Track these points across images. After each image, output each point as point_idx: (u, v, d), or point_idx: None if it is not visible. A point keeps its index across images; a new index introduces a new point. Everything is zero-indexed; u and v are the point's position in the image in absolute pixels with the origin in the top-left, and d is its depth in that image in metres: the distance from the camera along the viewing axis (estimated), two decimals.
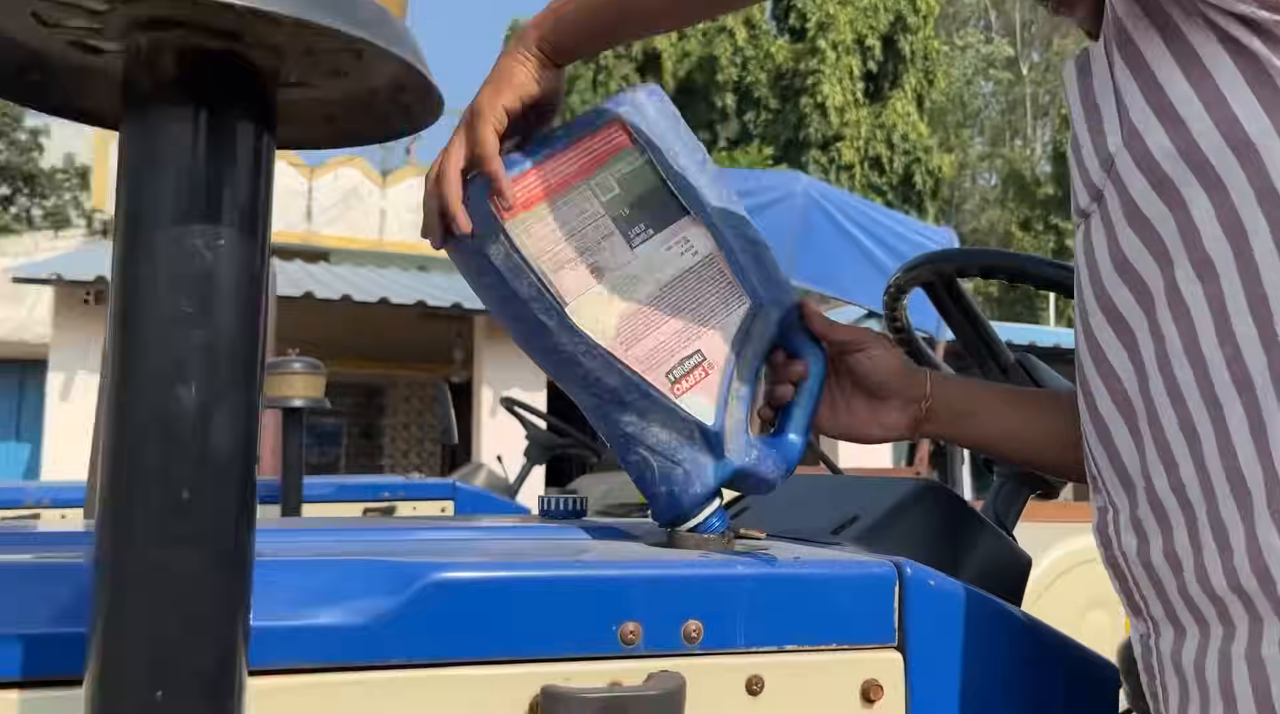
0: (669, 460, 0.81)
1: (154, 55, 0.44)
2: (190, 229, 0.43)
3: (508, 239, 0.79)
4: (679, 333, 0.81)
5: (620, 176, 0.82)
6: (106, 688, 0.42)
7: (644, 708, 0.66)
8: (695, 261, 0.82)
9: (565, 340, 0.80)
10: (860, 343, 0.87)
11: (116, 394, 0.43)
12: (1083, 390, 0.72)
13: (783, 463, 0.84)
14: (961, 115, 24.40)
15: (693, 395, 0.81)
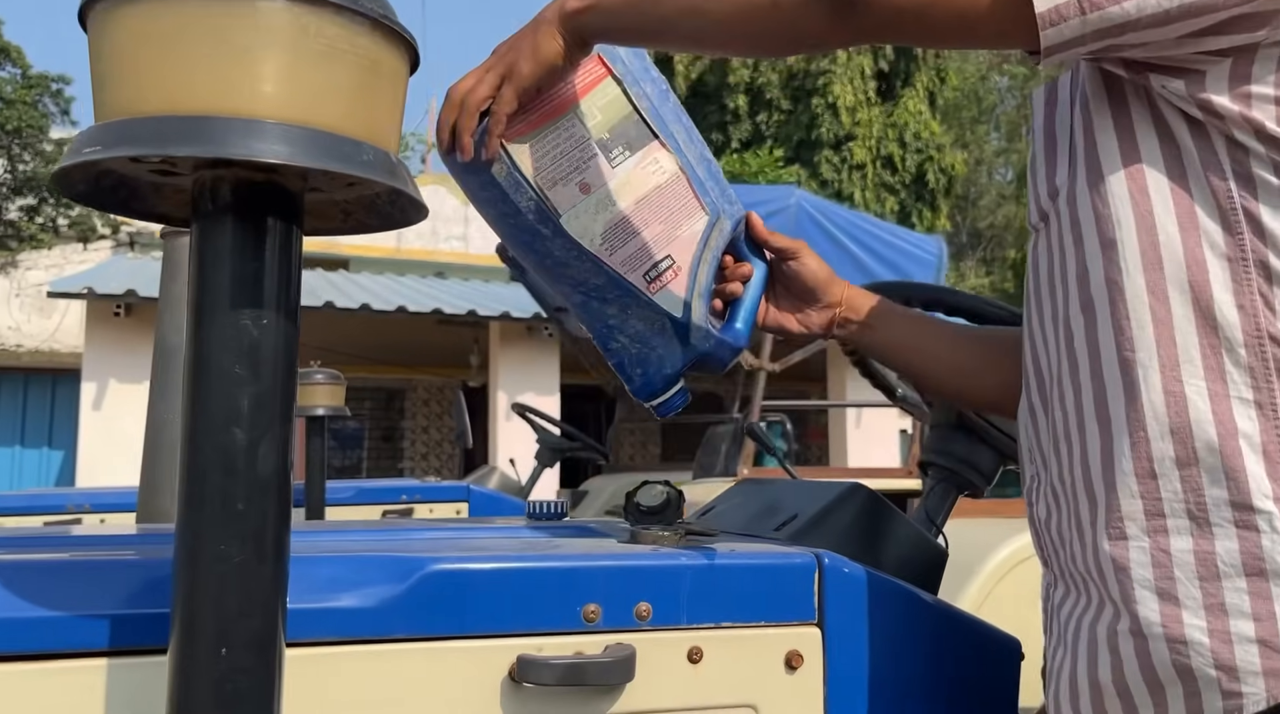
0: (645, 347, 0.97)
1: (215, 184, 0.60)
2: (242, 312, 0.59)
3: (510, 160, 0.92)
4: (653, 240, 0.96)
5: (601, 105, 0.95)
6: (186, 646, 0.58)
7: (600, 672, 0.82)
8: (664, 179, 0.97)
9: (558, 246, 0.93)
10: (794, 252, 1.03)
11: (189, 433, 0.59)
12: (1024, 373, 0.87)
13: (733, 346, 0.99)
14: (976, 111, 24.41)
15: (665, 292, 0.96)
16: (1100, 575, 0.74)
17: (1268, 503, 0.67)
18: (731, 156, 15.32)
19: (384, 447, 11.05)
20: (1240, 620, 0.67)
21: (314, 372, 2.66)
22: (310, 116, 0.57)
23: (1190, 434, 0.69)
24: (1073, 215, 0.78)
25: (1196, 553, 0.69)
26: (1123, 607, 0.71)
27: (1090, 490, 0.75)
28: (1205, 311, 0.70)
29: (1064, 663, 0.78)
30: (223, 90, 0.56)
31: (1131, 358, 0.72)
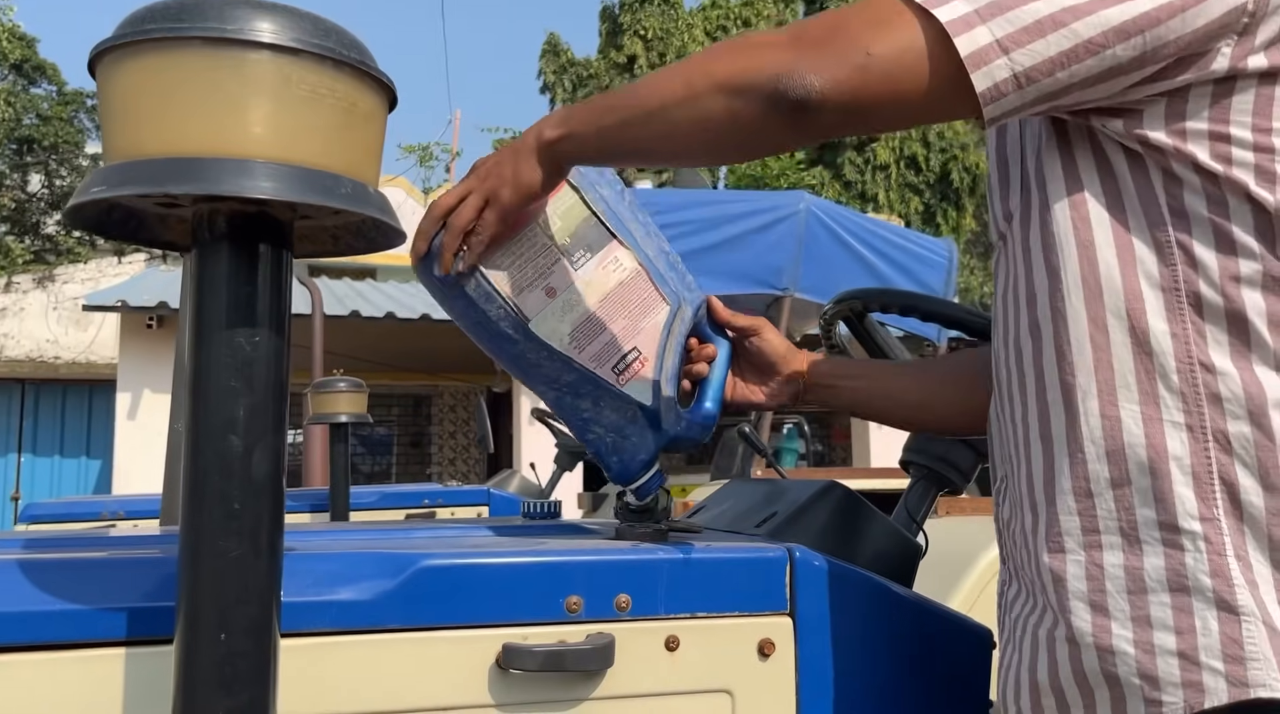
0: (619, 436, 1.02)
1: (212, 216, 0.66)
2: (237, 331, 0.66)
3: (480, 273, 0.97)
4: (619, 334, 1.01)
5: (560, 212, 1.01)
6: (189, 632, 0.65)
7: (580, 659, 0.88)
8: (626, 276, 1.02)
9: (529, 349, 0.99)
10: (755, 329, 1.09)
11: (191, 440, 0.66)
12: (993, 379, 0.91)
13: (703, 426, 1.05)
14: None
15: (634, 382, 1.01)
16: (1042, 583, 0.79)
17: (1193, 523, 0.71)
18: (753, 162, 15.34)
19: (412, 452, 11.18)
20: (1163, 633, 0.71)
21: (337, 380, 2.73)
22: (294, 155, 0.63)
23: (1125, 456, 0.73)
24: (1024, 240, 0.82)
25: (1126, 568, 0.73)
26: (1059, 614, 0.76)
27: (1034, 504, 0.80)
28: (1141, 339, 0.74)
29: (1011, 659, 0.83)
30: (216, 133, 0.62)
31: (1072, 382, 0.76)
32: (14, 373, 9.73)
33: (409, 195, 10.69)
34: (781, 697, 0.94)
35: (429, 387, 10.82)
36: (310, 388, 2.78)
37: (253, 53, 0.62)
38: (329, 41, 0.65)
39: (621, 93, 0.86)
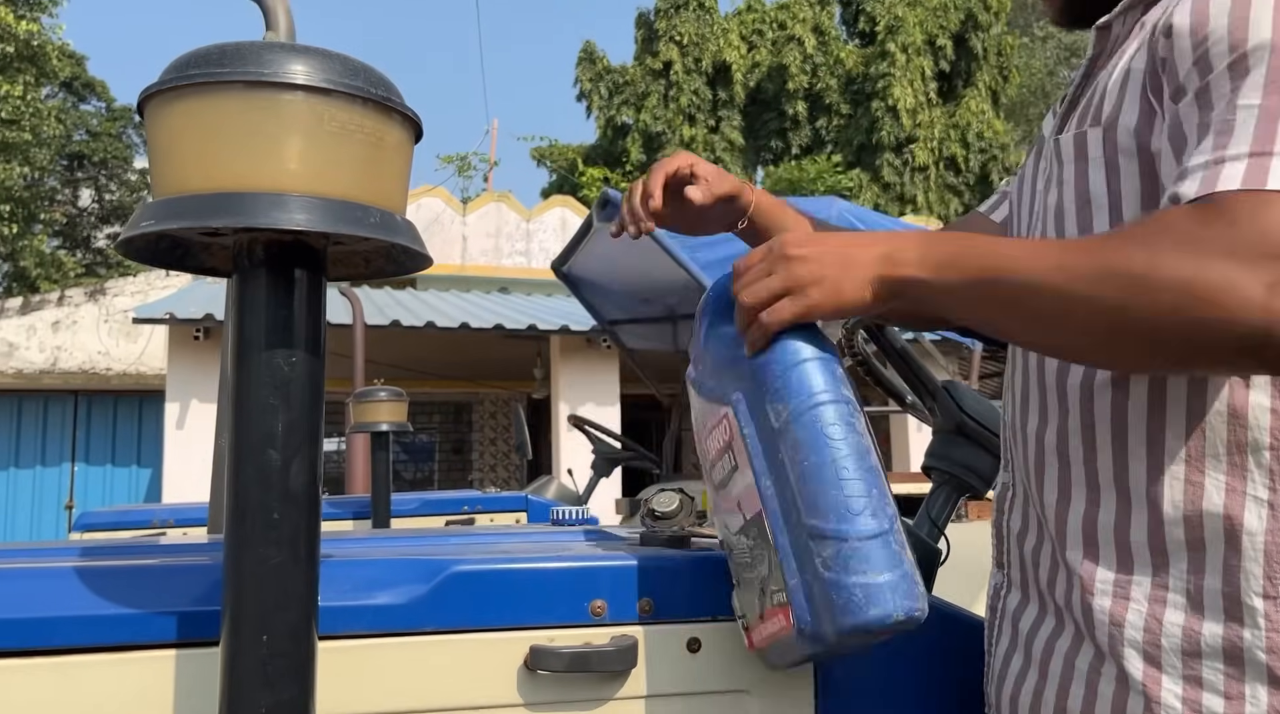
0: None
1: (251, 246, 0.71)
2: (276, 352, 0.71)
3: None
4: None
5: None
6: (234, 635, 0.69)
7: (604, 660, 0.92)
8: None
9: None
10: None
11: (233, 455, 0.71)
12: (1007, 386, 0.94)
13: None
14: (1044, 107, 24.00)
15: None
16: (1088, 618, 0.80)
17: (1257, 600, 0.72)
18: (790, 164, 15.30)
19: (454, 458, 11.30)
20: (1212, 696, 0.73)
21: (377, 390, 2.80)
22: (327, 188, 0.68)
23: (1201, 523, 0.74)
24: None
25: (1185, 629, 0.74)
26: (1109, 653, 0.78)
27: (1094, 544, 0.81)
28: (1238, 411, 0.74)
29: (1029, 678, 0.85)
30: (254, 170, 0.67)
31: (1162, 440, 0.77)
32: (68, 384, 10.00)
33: (447, 205, 10.81)
34: (799, 697, 0.97)
35: (470, 394, 10.93)
36: (351, 397, 2.84)
37: (287, 94, 0.67)
38: (358, 80, 0.69)
39: (1003, 254, 0.74)
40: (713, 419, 0.87)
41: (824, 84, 16.03)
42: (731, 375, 0.84)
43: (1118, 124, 0.80)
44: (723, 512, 0.89)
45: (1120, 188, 0.80)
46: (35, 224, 15.95)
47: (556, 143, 17.85)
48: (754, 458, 0.81)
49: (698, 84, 16.16)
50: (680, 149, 1.46)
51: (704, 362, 0.89)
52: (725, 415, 0.84)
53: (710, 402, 0.87)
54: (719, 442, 0.86)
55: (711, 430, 0.87)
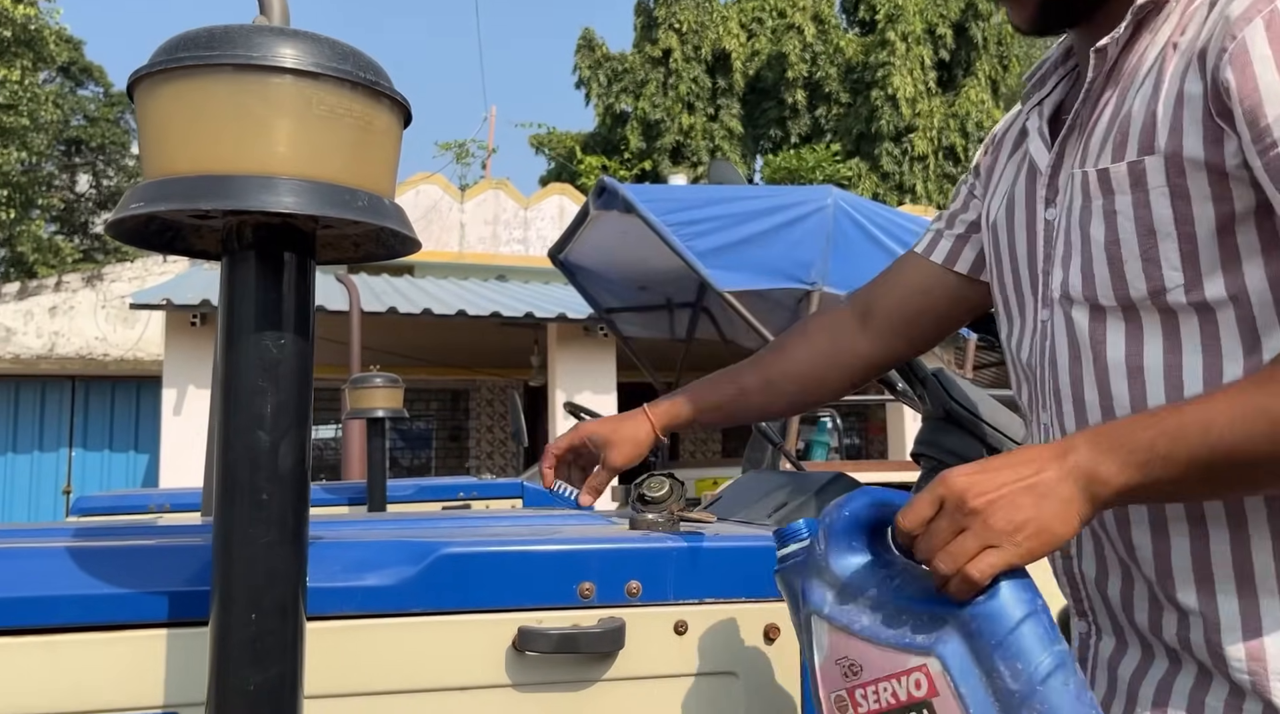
0: None
1: (240, 228, 0.72)
2: (265, 334, 0.71)
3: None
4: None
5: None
6: (223, 613, 0.70)
7: (592, 642, 0.93)
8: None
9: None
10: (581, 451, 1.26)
11: (222, 435, 0.71)
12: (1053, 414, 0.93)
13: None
14: None
15: None
16: (1218, 657, 0.80)
17: None
18: (789, 152, 15.29)
19: (451, 446, 11.32)
20: None
21: (373, 376, 2.80)
22: (315, 171, 0.68)
23: None
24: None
25: None
26: (1250, 690, 0.78)
27: (1208, 580, 0.81)
28: None
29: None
30: (243, 152, 0.67)
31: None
32: (65, 370, 10.00)
33: (445, 192, 10.80)
34: (786, 679, 0.98)
35: (467, 381, 10.94)
36: (347, 383, 2.85)
37: (275, 77, 0.67)
38: (346, 64, 0.70)
39: (1206, 428, 0.72)
40: (887, 667, 0.75)
41: (823, 72, 16.00)
42: (928, 621, 0.74)
43: (1182, 150, 0.79)
44: None
45: (1192, 214, 0.80)
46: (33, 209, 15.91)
47: (555, 130, 17.82)
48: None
49: (697, 72, 16.11)
50: (580, 424, 1.34)
51: (858, 598, 0.78)
52: (923, 668, 0.73)
53: (886, 648, 0.75)
54: (897, 695, 0.75)
55: (880, 680, 0.75)
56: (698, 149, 15.78)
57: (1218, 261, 0.79)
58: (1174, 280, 0.81)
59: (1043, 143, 0.96)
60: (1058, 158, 0.93)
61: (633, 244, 3.72)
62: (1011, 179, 1.01)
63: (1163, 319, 0.82)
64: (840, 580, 0.78)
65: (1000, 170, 1.05)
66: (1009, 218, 0.99)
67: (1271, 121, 0.74)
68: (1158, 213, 0.81)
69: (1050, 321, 0.92)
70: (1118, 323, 0.85)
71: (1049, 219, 0.93)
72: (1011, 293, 0.99)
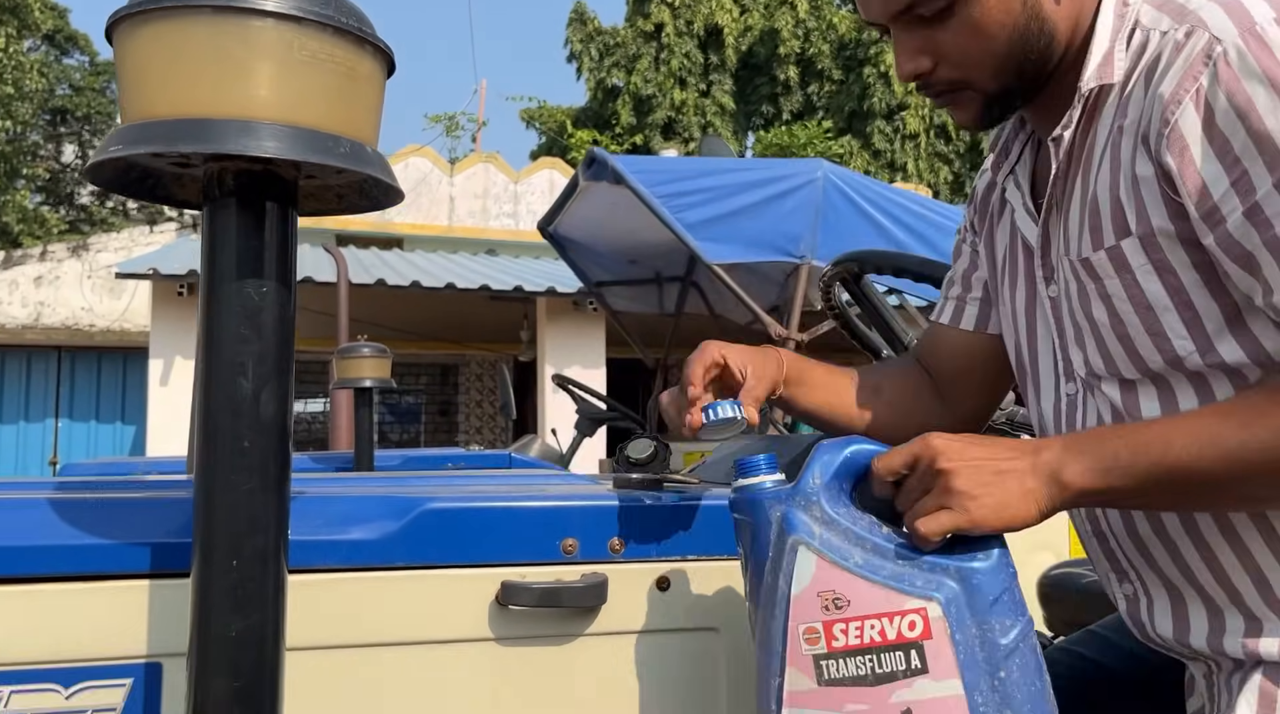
0: None
1: (221, 174, 0.71)
2: (246, 281, 0.71)
3: None
4: None
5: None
6: (205, 560, 0.70)
7: (574, 596, 0.93)
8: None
9: None
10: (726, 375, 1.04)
11: (204, 383, 0.71)
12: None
13: None
14: None
15: None
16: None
17: None
18: (780, 129, 15.25)
19: (440, 420, 11.32)
20: None
21: (361, 345, 2.79)
22: (297, 117, 0.68)
23: None
24: None
25: None
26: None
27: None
28: None
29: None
30: (223, 96, 0.67)
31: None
32: (51, 340, 9.94)
33: (435, 165, 10.73)
34: None
35: (456, 356, 10.93)
36: (335, 353, 2.84)
37: (257, 20, 0.66)
38: (329, 9, 0.69)
39: (1170, 444, 0.77)
40: (881, 605, 0.76)
41: (816, 49, 15.93)
42: (927, 568, 0.76)
43: (1153, 229, 0.81)
44: (843, 709, 0.76)
45: (1181, 283, 0.82)
46: (18, 179, 15.76)
47: (546, 104, 17.72)
48: (965, 670, 0.74)
49: (689, 47, 16.02)
50: (707, 341, 1.37)
51: (850, 537, 0.79)
52: (921, 611, 0.75)
53: (882, 587, 0.77)
54: (885, 633, 0.75)
55: (870, 616, 0.76)
56: (689, 125, 15.71)
57: (1223, 324, 0.81)
58: (1186, 348, 0.83)
59: (1030, 218, 0.97)
60: (1044, 238, 0.94)
61: (622, 216, 3.71)
62: (1005, 249, 1.02)
63: (1192, 380, 0.84)
64: (831, 517, 0.79)
65: (994, 237, 1.05)
66: (1012, 292, 1.00)
67: (1217, 201, 0.76)
68: (1149, 290, 0.83)
69: (1078, 395, 0.93)
70: (1149, 390, 0.86)
71: (1052, 297, 0.94)
72: (1028, 362, 1.00)
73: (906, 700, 0.74)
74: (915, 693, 0.74)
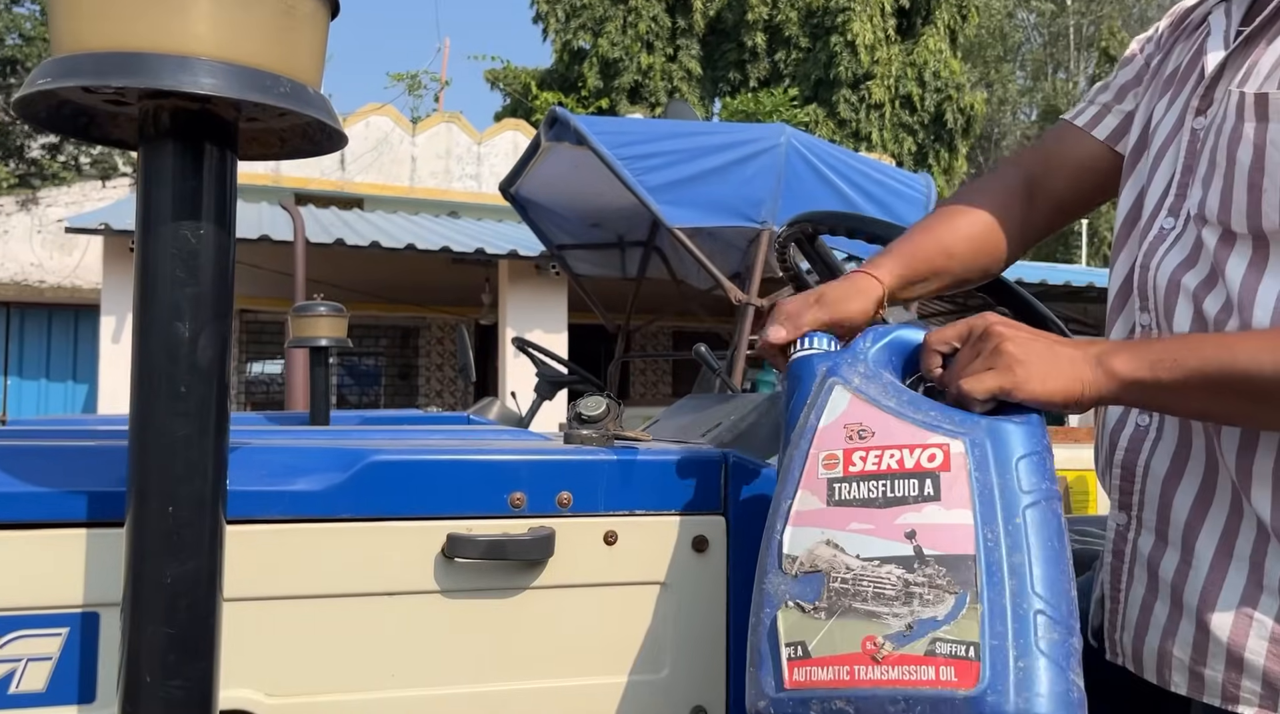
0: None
1: (157, 112, 0.69)
2: (183, 223, 0.69)
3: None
4: None
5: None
6: (140, 506, 0.69)
7: (521, 549, 0.93)
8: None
9: None
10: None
11: (139, 327, 0.70)
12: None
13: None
14: (1002, 49, 23.98)
15: None
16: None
17: None
18: (747, 96, 15.19)
19: (400, 383, 11.24)
20: None
21: (317, 304, 2.75)
22: (234, 53, 0.66)
23: None
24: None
25: None
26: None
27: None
28: None
29: (1180, 628, 0.85)
30: (158, 30, 0.65)
31: None
32: None
33: (396, 124, 10.57)
34: (714, 589, 1.00)
35: (417, 318, 10.84)
36: (290, 312, 2.80)
37: None
38: None
39: (1222, 345, 0.78)
40: (904, 438, 0.78)
41: (784, 16, 15.84)
42: (960, 420, 0.78)
43: None
44: (847, 528, 0.77)
45: None
46: None
47: (510, 65, 17.47)
48: (979, 503, 0.74)
49: (657, 10, 15.86)
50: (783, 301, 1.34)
51: (889, 387, 0.81)
52: (944, 446, 0.76)
53: (910, 424, 0.78)
54: (903, 462, 0.77)
55: (891, 446, 0.78)
56: (656, 90, 15.59)
57: None
58: None
59: (1221, 43, 0.91)
60: (1221, 67, 0.89)
61: (585, 179, 3.68)
62: (1175, 69, 0.97)
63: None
64: (874, 372, 0.82)
65: (1171, 53, 1.00)
66: (1165, 111, 0.96)
67: None
68: None
69: (1173, 231, 0.90)
70: (1246, 248, 0.84)
71: (1195, 128, 0.90)
72: (1137, 185, 0.97)
73: (912, 523, 0.75)
74: (923, 517, 0.74)
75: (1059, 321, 1.30)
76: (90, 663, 0.84)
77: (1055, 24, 24.06)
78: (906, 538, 0.74)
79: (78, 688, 0.83)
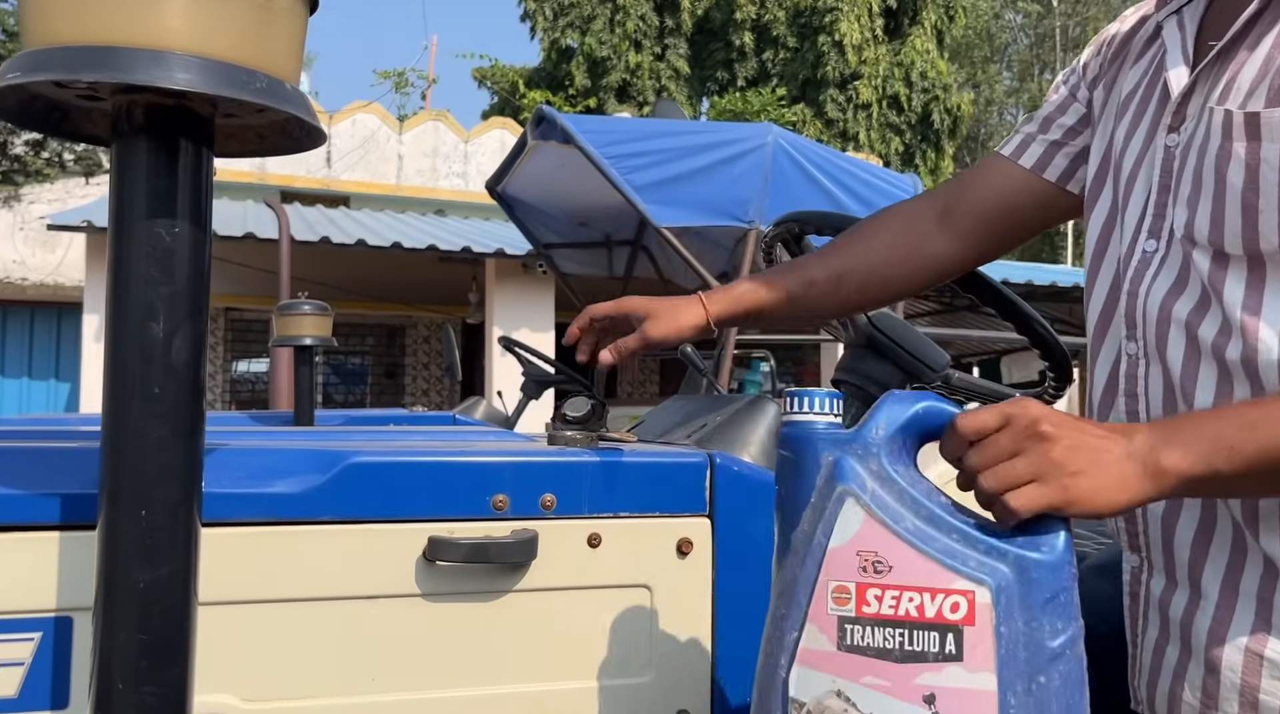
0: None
1: (131, 108, 0.68)
2: (157, 221, 0.68)
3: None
4: None
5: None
6: (112, 510, 0.68)
7: (503, 552, 0.92)
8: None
9: None
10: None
11: (112, 328, 0.68)
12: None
13: None
14: (989, 50, 24.07)
15: None
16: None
17: None
18: (734, 95, 15.20)
19: (386, 382, 11.19)
20: None
21: (301, 302, 2.73)
22: (210, 48, 0.65)
23: None
24: None
25: None
26: None
27: None
28: None
29: (1189, 671, 0.83)
30: (133, 24, 0.63)
31: None
32: None
33: (383, 122, 10.52)
34: (698, 592, 0.99)
35: (403, 317, 10.79)
36: (275, 310, 2.78)
37: None
38: None
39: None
40: (925, 579, 0.69)
41: (771, 15, 15.84)
42: (984, 550, 0.69)
43: None
44: (861, 681, 0.70)
45: None
46: None
47: (498, 63, 17.42)
48: (1003, 665, 0.67)
49: (645, 9, 15.84)
50: (624, 297, 1.32)
51: (905, 499, 0.71)
52: (969, 595, 0.68)
53: (931, 560, 0.70)
54: (923, 610, 0.69)
55: (911, 589, 0.70)
56: (643, 89, 15.58)
57: None
58: None
59: (1183, 61, 0.88)
60: (1191, 84, 0.86)
61: (572, 177, 3.66)
62: (1130, 91, 0.95)
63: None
64: (888, 474, 0.71)
65: (1120, 79, 0.98)
66: (1126, 136, 0.93)
67: None
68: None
69: (1156, 253, 0.87)
70: (1241, 270, 0.80)
71: (1168, 146, 0.87)
72: (1110, 212, 0.94)
73: (931, 685, 0.68)
74: (943, 679, 0.67)
75: (1044, 321, 1.29)
76: (63, 668, 0.82)
77: (1042, 25, 24.15)
78: (925, 702, 0.68)
79: (50, 694, 0.82)
